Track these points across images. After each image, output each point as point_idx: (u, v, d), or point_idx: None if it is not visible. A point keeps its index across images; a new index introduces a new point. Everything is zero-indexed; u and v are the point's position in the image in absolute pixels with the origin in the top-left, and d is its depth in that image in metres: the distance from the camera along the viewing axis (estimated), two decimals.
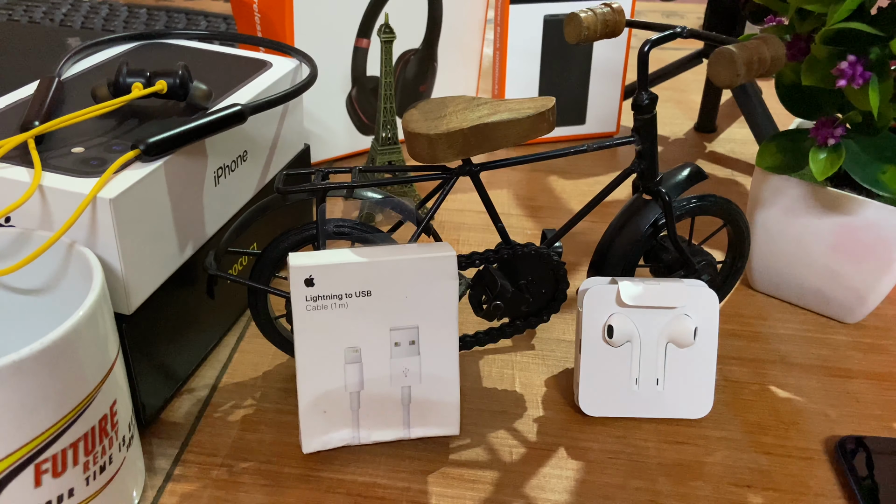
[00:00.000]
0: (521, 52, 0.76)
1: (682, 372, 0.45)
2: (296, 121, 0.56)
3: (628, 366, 0.45)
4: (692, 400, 0.46)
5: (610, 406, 0.46)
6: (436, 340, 0.42)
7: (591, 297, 0.45)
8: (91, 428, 0.35)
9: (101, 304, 0.35)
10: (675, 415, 0.46)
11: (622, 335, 0.45)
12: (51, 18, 0.95)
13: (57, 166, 0.39)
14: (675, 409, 0.46)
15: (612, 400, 0.46)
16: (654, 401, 0.46)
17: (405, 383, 0.42)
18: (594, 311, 0.45)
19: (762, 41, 0.41)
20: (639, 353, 0.45)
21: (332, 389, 0.41)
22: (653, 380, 0.45)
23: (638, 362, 0.45)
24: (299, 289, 0.39)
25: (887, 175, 0.48)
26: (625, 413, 0.46)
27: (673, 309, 0.45)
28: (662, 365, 0.45)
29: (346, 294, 0.40)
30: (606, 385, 0.45)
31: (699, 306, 0.45)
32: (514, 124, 0.42)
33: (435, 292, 0.41)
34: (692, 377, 0.46)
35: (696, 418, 0.46)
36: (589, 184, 0.74)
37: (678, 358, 0.45)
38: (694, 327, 0.45)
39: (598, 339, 0.45)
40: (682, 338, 0.45)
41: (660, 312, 0.45)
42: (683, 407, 0.46)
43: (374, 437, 0.43)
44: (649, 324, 0.45)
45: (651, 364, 0.45)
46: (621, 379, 0.45)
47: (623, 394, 0.46)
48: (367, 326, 0.41)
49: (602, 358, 0.45)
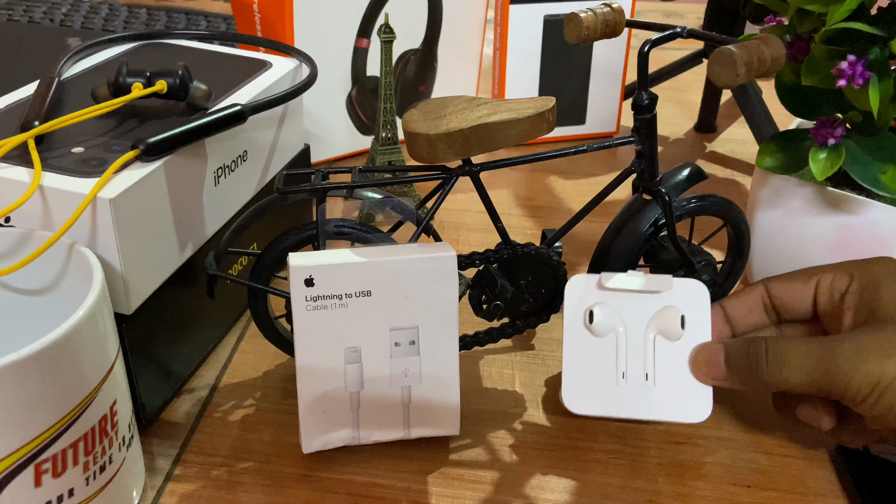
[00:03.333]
0: (521, 52, 0.76)
1: (674, 370, 0.43)
2: (296, 121, 0.56)
3: (613, 357, 0.43)
4: (688, 402, 0.43)
5: (596, 403, 0.43)
6: (436, 340, 0.41)
7: (573, 286, 0.44)
8: (91, 428, 0.35)
9: (101, 304, 0.35)
10: (670, 417, 0.43)
11: (605, 324, 0.43)
12: (51, 18, 0.95)
13: (57, 166, 0.39)
14: (669, 411, 0.43)
15: (597, 395, 0.43)
16: (645, 400, 0.43)
17: (405, 383, 0.42)
18: (576, 299, 0.44)
19: (762, 41, 0.41)
20: (625, 344, 0.43)
21: (332, 389, 0.41)
22: (641, 374, 0.43)
23: (625, 354, 0.43)
24: (299, 289, 0.39)
25: (887, 175, 0.48)
26: (613, 412, 0.43)
27: (657, 294, 0.44)
28: (652, 359, 0.43)
29: (346, 294, 0.40)
30: (591, 378, 0.43)
31: (688, 298, 0.44)
32: (514, 124, 0.42)
33: (435, 292, 0.41)
34: (687, 376, 0.43)
35: (694, 423, 0.44)
36: (589, 184, 0.74)
37: (669, 354, 0.43)
38: (681, 315, 0.43)
39: (580, 327, 0.44)
40: (670, 329, 0.43)
41: (645, 302, 0.44)
42: (678, 409, 0.43)
43: (374, 437, 0.43)
44: (634, 314, 0.44)
45: (639, 357, 0.43)
46: (606, 372, 0.43)
47: (609, 388, 0.43)
48: (367, 326, 0.41)
49: (585, 349, 0.43)
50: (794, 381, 0.39)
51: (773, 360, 0.40)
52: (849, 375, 0.38)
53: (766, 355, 0.40)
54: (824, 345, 0.39)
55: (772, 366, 0.40)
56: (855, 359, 0.38)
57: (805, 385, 0.39)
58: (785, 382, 0.39)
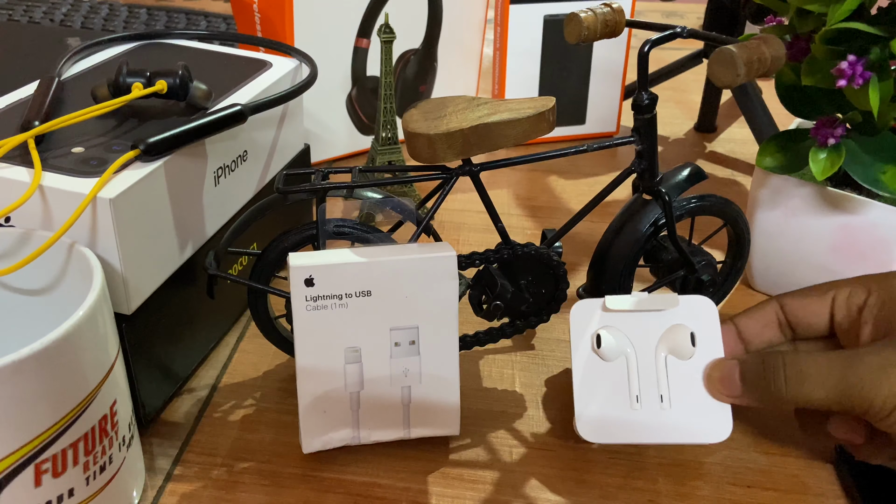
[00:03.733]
0: (521, 52, 0.76)
1: (690, 390, 0.41)
2: (296, 121, 0.56)
3: (625, 381, 0.42)
4: (707, 421, 0.41)
5: (612, 430, 0.41)
6: (436, 340, 0.41)
7: (577, 312, 0.43)
8: (91, 428, 0.35)
9: (101, 304, 0.35)
10: (689, 440, 0.41)
11: (613, 347, 0.42)
12: (51, 18, 0.95)
13: (57, 166, 0.39)
14: (688, 433, 0.41)
15: (613, 422, 0.41)
16: (663, 423, 0.41)
17: (405, 383, 0.42)
18: (581, 325, 0.43)
19: (762, 41, 0.41)
20: (636, 367, 0.42)
21: (331, 389, 0.41)
22: (656, 397, 0.41)
23: (636, 377, 0.42)
24: (299, 289, 0.39)
25: (887, 175, 0.48)
26: (631, 438, 0.41)
27: (663, 312, 0.43)
28: (665, 380, 0.42)
29: (346, 294, 0.40)
30: (604, 405, 0.41)
31: (695, 315, 0.43)
32: (514, 124, 0.42)
33: (435, 292, 0.41)
34: (703, 395, 0.41)
35: (715, 443, 0.42)
36: (589, 184, 0.74)
37: (683, 373, 0.42)
38: (690, 332, 0.42)
39: (588, 352, 0.42)
40: (681, 347, 0.42)
41: (652, 322, 0.43)
42: (697, 430, 0.41)
43: (374, 437, 0.43)
44: (642, 335, 0.43)
45: (651, 379, 0.42)
46: (620, 397, 0.41)
47: (624, 413, 0.41)
48: (367, 326, 0.41)
49: (596, 375, 0.42)
50: (816, 397, 0.37)
51: (791, 375, 0.38)
52: (873, 391, 0.36)
53: (783, 370, 0.38)
54: (846, 359, 0.37)
55: (791, 382, 0.38)
56: (879, 373, 0.36)
57: (827, 401, 0.37)
58: (806, 398, 0.38)
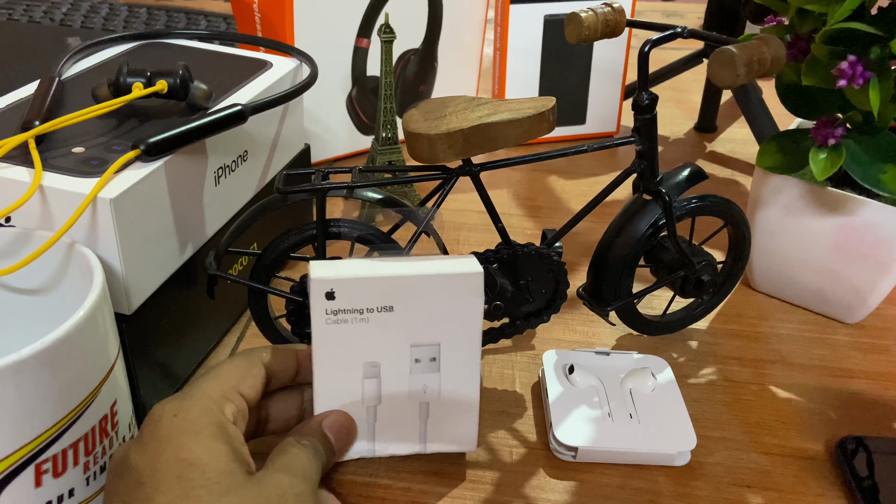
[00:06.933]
0: (521, 52, 0.76)
1: (654, 411, 0.45)
2: (296, 121, 0.56)
3: (597, 401, 0.46)
4: (675, 433, 0.44)
5: (589, 434, 0.43)
6: (457, 358, 0.40)
7: (549, 356, 0.49)
8: (91, 428, 0.35)
9: (101, 304, 0.35)
10: (662, 449, 0.43)
11: (583, 378, 0.47)
12: (51, 18, 0.95)
13: (57, 166, 0.39)
14: (658, 444, 0.43)
15: (589, 428, 0.44)
16: (635, 432, 0.44)
17: (424, 399, 0.41)
18: (553, 362, 0.48)
19: (762, 41, 0.41)
20: (605, 393, 0.46)
21: (348, 403, 0.40)
22: (625, 414, 0.45)
23: (606, 400, 0.46)
24: (319, 301, 0.38)
25: (887, 175, 0.48)
26: (606, 444, 0.43)
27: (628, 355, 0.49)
28: (632, 404, 0.46)
29: (368, 309, 0.38)
30: (580, 415, 0.45)
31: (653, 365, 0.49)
32: (514, 124, 0.42)
33: (459, 309, 0.39)
34: (668, 414, 0.45)
35: (685, 450, 0.44)
36: (589, 184, 0.74)
37: (646, 399, 0.46)
38: (651, 373, 0.47)
39: (562, 379, 0.47)
40: (644, 385, 0.47)
41: (617, 363, 0.48)
42: (668, 441, 0.44)
43: (390, 450, 0.41)
44: (609, 371, 0.48)
45: (620, 402, 0.46)
46: (593, 412, 0.45)
47: (598, 422, 0.44)
48: (388, 342, 0.39)
49: (569, 396, 0.46)
50: None
51: None
52: None
53: None
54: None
55: None
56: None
57: None
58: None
